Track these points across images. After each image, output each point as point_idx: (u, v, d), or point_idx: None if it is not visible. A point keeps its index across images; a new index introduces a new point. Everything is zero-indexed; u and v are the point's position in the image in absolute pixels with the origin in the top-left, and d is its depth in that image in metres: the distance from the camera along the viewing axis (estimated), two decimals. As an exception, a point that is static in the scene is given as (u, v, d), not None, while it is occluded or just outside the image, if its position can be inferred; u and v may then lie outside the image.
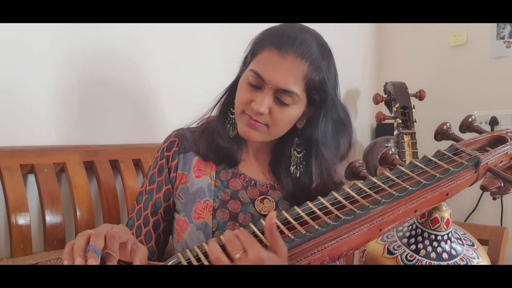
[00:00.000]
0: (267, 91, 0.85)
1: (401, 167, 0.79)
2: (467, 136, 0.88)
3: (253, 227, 0.71)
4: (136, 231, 0.94)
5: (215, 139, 0.93)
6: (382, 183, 0.76)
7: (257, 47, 0.89)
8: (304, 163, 0.94)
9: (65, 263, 0.62)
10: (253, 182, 0.95)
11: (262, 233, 0.68)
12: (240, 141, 0.95)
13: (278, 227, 0.68)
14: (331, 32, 1.99)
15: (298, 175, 0.94)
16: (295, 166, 0.94)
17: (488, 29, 1.96)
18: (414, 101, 1.74)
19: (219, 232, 0.87)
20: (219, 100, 0.98)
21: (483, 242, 1.23)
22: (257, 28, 0.93)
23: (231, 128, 0.94)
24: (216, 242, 0.66)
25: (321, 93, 0.88)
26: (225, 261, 0.63)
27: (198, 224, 0.88)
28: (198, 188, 0.92)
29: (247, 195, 0.93)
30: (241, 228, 0.69)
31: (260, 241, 0.67)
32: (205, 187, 0.91)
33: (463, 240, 1.07)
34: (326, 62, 0.88)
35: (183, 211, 0.92)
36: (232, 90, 0.96)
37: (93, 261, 0.61)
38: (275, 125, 0.87)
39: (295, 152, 0.94)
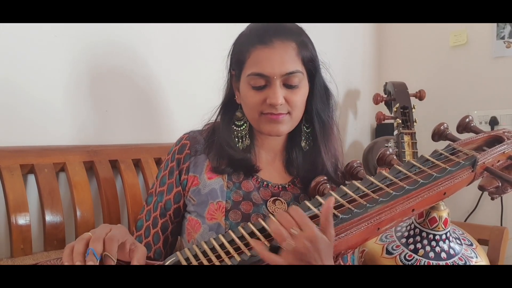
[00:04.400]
0: (274, 83, 0.87)
1: (398, 167, 0.80)
2: (465, 136, 0.88)
3: (309, 204, 0.74)
4: (145, 232, 0.95)
5: (226, 152, 0.93)
6: (380, 182, 0.77)
7: (241, 55, 0.91)
8: (311, 138, 0.97)
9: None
10: (265, 183, 0.95)
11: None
12: (252, 149, 0.96)
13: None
14: (331, 32, 2.02)
15: (307, 149, 0.97)
16: (305, 141, 0.97)
17: (488, 29, 1.96)
18: (414, 101, 1.74)
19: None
20: (215, 119, 0.99)
21: (483, 242, 1.23)
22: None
23: (240, 141, 0.95)
24: (276, 219, 0.69)
25: (314, 65, 0.93)
26: (286, 235, 0.65)
27: (211, 225, 0.89)
28: (210, 190, 0.92)
29: (260, 196, 0.93)
30: (293, 206, 0.71)
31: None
32: (217, 188, 0.92)
33: (462, 240, 1.07)
34: (305, 36, 0.92)
35: (195, 212, 0.92)
36: (226, 107, 0.98)
37: (92, 264, 0.62)
38: (294, 109, 0.90)
39: (304, 127, 0.97)
